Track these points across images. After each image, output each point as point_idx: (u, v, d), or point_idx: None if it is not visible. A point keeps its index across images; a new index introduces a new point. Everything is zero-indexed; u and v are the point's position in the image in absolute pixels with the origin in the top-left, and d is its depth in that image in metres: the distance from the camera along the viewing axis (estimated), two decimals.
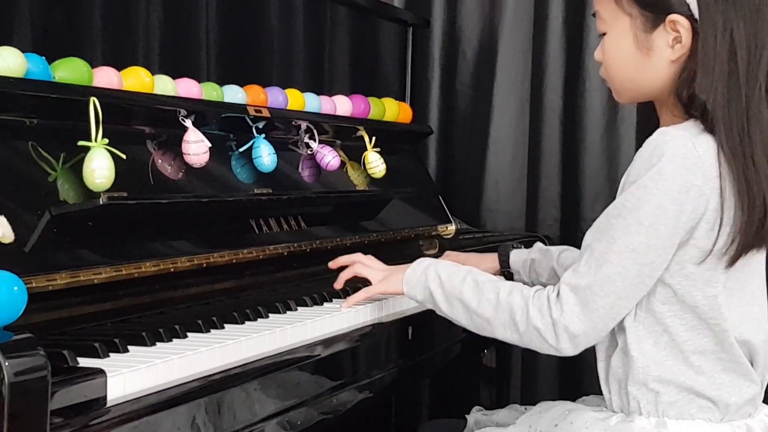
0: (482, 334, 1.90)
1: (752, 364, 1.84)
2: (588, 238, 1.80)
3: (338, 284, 2.14)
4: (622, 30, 1.85)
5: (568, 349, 1.78)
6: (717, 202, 1.71)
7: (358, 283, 2.15)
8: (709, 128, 1.73)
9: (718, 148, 1.71)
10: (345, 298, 2.12)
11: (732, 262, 1.75)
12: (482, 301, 1.86)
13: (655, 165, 1.70)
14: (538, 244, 2.41)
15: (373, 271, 2.11)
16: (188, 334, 1.73)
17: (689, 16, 1.76)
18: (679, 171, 1.69)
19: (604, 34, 1.89)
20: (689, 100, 1.76)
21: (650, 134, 1.75)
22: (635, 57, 1.84)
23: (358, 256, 2.16)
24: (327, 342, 1.90)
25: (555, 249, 2.32)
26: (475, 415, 2.22)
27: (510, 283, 1.89)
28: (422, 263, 2.00)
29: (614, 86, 1.93)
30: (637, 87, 1.87)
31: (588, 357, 1.89)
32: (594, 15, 1.93)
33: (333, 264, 2.16)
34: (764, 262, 1.90)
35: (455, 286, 1.90)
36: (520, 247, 2.44)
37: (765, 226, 1.73)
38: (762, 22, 1.75)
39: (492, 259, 2.43)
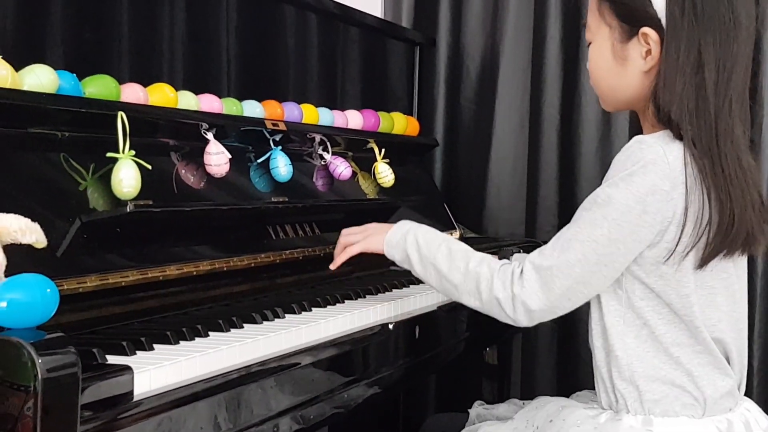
0: (450, 298, 1.94)
1: (729, 362, 1.85)
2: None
3: (333, 265, 2.15)
4: (602, 39, 1.87)
5: (523, 320, 1.82)
6: (694, 208, 1.71)
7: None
8: (678, 137, 1.74)
9: (685, 156, 1.71)
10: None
11: (702, 264, 1.75)
12: (452, 268, 1.89)
13: (628, 168, 1.72)
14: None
15: (355, 235, 2.12)
16: (210, 333, 1.73)
17: (660, 30, 1.77)
18: (648, 175, 1.70)
19: (590, 44, 1.91)
20: (658, 110, 1.77)
21: None
22: (613, 66, 1.85)
23: (342, 231, 2.18)
24: (339, 341, 1.90)
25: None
26: (477, 409, 2.22)
27: (480, 254, 1.91)
28: (404, 226, 2.02)
29: (598, 93, 1.95)
30: (616, 95, 1.89)
31: (583, 353, 1.90)
32: (584, 25, 1.94)
33: (334, 265, 2.16)
34: (744, 266, 1.90)
35: (431, 251, 1.93)
36: (520, 252, 2.44)
37: (732, 234, 1.73)
38: (733, 40, 1.74)
39: None
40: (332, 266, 2.15)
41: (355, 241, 2.11)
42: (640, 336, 1.80)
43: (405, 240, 1.98)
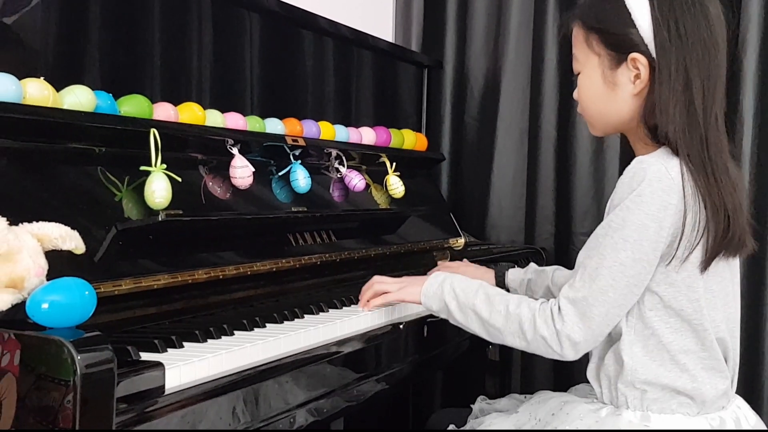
0: (493, 341, 1.89)
1: (726, 361, 1.84)
2: (581, 256, 1.79)
3: (362, 304, 2.08)
4: (592, 68, 1.86)
5: (571, 355, 1.77)
6: (691, 216, 1.71)
7: None
8: (675, 152, 1.74)
9: (682, 169, 1.71)
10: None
11: (704, 267, 1.74)
12: (493, 312, 1.84)
13: (635, 189, 1.70)
14: (533, 265, 2.37)
15: (390, 285, 2.06)
16: (235, 332, 1.72)
17: (648, 55, 1.77)
18: (656, 193, 1.69)
19: (579, 74, 1.90)
20: (654, 129, 1.77)
21: (631, 161, 1.75)
22: (603, 92, 1.85)
23: (374, 278, 2.11)
24: (354, 339, 1.90)
25: (549, 269, 2.29)
26: (480, 404, 2.21)
27: (517, 296, 1.87)
28: (438, 278, 1.97)
29: (588, 120, 1.93)
30: (607, 119, 1.88)
31: None
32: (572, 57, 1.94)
33: (362, 304, 2.09)
34: (737, 270, 1.90)
35: (469, 298, 1.88)
36: (514, 267, 2.42)
37: (728, 235, 1.72)
38: (713, 58, 1.75)
39: (489, 276, 2.37)
40: (362, 306, 2.07)
41: (391, 290, 2.05)
42: (647, 346, 1.78)
43: (442, 289, 1.93)
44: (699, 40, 1.74)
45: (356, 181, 2.50)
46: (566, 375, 3.17)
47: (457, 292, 1.91)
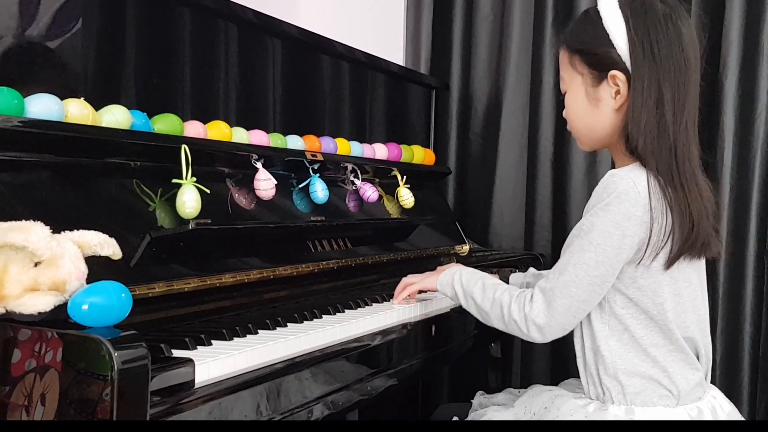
0: (485, 323, 1.95)
1: (698, 357, 1.85)
2: (561, 252, 1.83)
3: (396, 300, 2.17)
4: (576, 87, 1.88)
5: (537, 337, 1.82)
6: (658, 224, 1.72)
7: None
8: (645, 165, 1.75)
9: (650, 183, 1.72)
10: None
11: (668, 265, 1.75)
12: (484, 298, 1.91)
13: (605, 199, 1.73)
14: (532, 269, 2.44)
15: (414, 278, 2.16)
16: (259, 331, 1.72)
17: (626, 72, 1.78)
18: (622, 204, 1.71)
19: (565, 93, 1.91)
20: (627, 140, 1.78)
21: None
22: (588, 108, 1.86)
23: (404, 279, 2.20)
24: (367, 337, 1.89)
25: (546, 272, 2.32)
26: (479, 398, 2.22)
27: (505, 285, 1.93)
28: (453, 268, 2.07)
29: (576, 136, 1.95)
30: (593, 134, 1.89)
31: (572, 347, 1.89)
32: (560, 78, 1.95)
33: (396, 300, 2.18)
34: (704, 275, 1.90)
35: (470, 286, 1.96)
36: (515, 272, 2.47)
37: (692, 239, 1.73)
38: (685, 76, 1.76)
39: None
40: (395, 302, 2.17)
41: (415, 281, 2.15)
42: (622, 339, 1.80)
43: (452, 279, 2.01)
44: (671, 58, 1.75)
45: (370, 192, 2.50)
46: (561, 370, 3.17)
47: (463, 281, 1.99)
